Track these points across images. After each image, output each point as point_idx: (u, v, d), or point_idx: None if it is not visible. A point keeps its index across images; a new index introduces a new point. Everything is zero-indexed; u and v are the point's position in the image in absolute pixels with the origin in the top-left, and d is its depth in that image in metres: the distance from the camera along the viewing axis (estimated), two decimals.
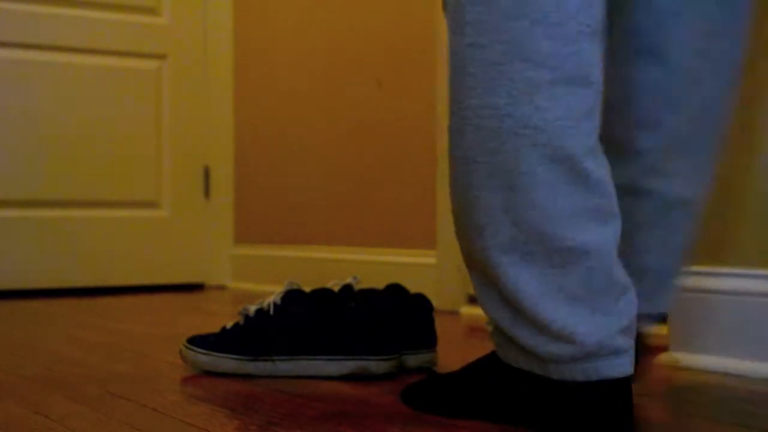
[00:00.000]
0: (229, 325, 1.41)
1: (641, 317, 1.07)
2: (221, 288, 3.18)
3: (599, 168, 0.99)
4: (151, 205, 3.10)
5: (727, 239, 1.44)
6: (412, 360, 1.39)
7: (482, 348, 1.71)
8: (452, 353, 1.53)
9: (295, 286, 1.41)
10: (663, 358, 1.48)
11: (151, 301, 2.72)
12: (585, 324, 0.98)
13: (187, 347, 1.40)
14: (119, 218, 3.03)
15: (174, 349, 1.65)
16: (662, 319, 1.22)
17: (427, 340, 1.40)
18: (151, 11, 3.12)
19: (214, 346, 1.38)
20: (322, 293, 1.39)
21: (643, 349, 1.16)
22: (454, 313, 2.26)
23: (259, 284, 3.08)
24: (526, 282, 0.99)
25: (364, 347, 1.35)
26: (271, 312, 1.38)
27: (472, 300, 2.30)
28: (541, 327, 0.99)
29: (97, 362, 1.51)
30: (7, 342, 1.79)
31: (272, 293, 1.51)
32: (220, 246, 3.24)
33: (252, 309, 1.41)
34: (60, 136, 2.94)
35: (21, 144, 2.88)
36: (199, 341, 1.40)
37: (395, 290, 1.44)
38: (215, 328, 2.10)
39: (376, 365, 1.35)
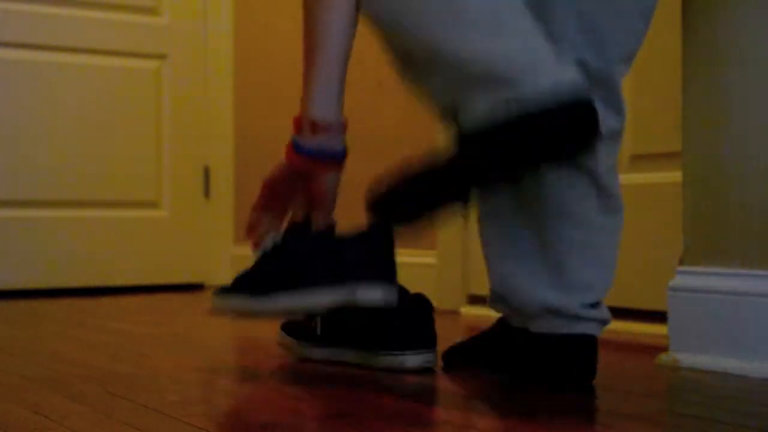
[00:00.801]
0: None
1: None
2: None
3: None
4: (151, 205, 3.10)
5: (727, 239, 1.44)
6: (412, 360, 1.39)
7: None
8: None
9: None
10: (663, 358, 1.48)
11: (151, 301, 2.72)
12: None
13: (214, 294, 1.41)
14: (119, 218, 3.03)
15: (174, 349, 1.66)
16: None
17: (427, 340, 1.40)
18: (151, 11, 3.12)
19: (228, 289, 1.39)
20: (325, 231, 1.36)
21: None
22: (454, 313, 2.26)
23: None
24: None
25: (357, 274, 1.28)
26: (272, 250, 1.36)
27: (472, 300, 2.30)
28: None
29: (97, 362, 1.51)
30: (7, 342, 1.80)
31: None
32: (220, 246, 3.24)
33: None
34: (60, 136, 2.94)
35: (21, 144, 2.88)
36: (222, 288, 1.41)
37: None
38: (215, 328, 2.10)
39: (367, 293, 1.27)
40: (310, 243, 1.31)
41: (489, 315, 1.42)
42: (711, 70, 1.45)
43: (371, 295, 1.26)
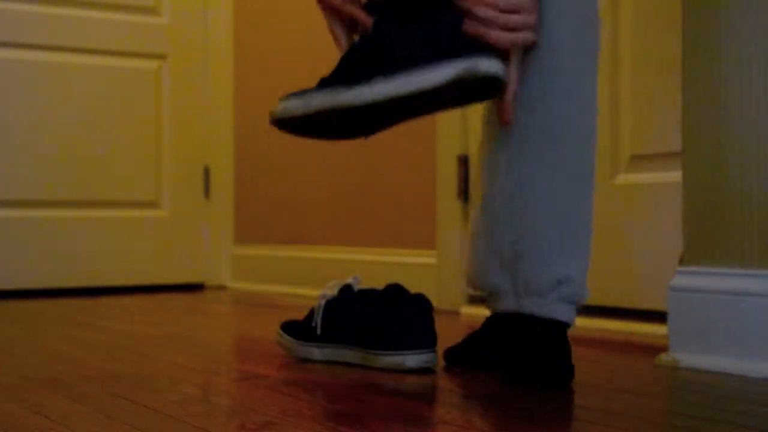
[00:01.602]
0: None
1: None
2: (221, 288, 3.18)
3: None
4: (151, 205, 3.11)
5: (727, 239, 1.44)
6: (412, 360, 1.39)
7: None
8: None
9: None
10: (663, 358, 1.48)
11: (151, 301, 2.72)
12: None
13: (281, 100, 1.26)
14: (119, 218, 3.03)
15: (174, 349, 1.65)
16: None
17: (427, 340, 1.40)
18: (151, 11, 3.12)
19: (302, 91, 1.23)
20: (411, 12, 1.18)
21: None
22: (454, 313, 2.26)
23: (259, 284, 3.08)
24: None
25: (471, 44, 1.11)
26: (359, 42, 1.21)
27: (472, 300, 2.30)
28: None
29: (97, 362, 1.51)
30: (7, 342, 1.80)
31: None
32: (220, 246, 3.24)
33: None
34: (60, 136, 2.94)
35: (21, 144, 2.88)
36: (290, 93, 1.25)
37: (395, 290, 1.44)
38: (215, 328, 2.10)
39: (490, 64, 1.10)
40: (402, 23, 1.14)
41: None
42: (711, 70, 1.45)
43: (494, 66, 1.11)
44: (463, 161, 2.34)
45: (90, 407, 1.14)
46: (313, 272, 2.78)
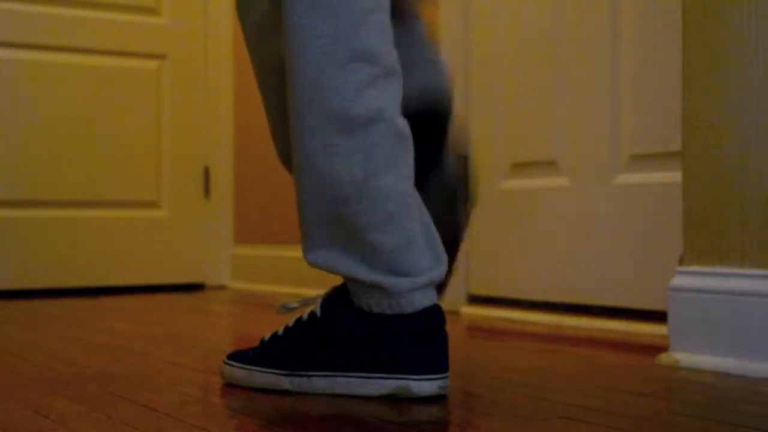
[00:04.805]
0: (267, 336, 1.30)
1: None
2: (221, 288, 3.18)
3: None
4: (151, 205, 3.11)
5: (727, 239, 1.44)
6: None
7: (483, 348, 1.71)
8: (452, 353, 1.53)
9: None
10: (663, 358, 1.48)
11: (151, 301, 2.72)
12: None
13: (225, 362, 1.32)
14: (119, 218, 3.03)
15: (174, 349, 1.66)
16: None
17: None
18: (151, 11, 3.12)
19: (251, 360, 1.29)
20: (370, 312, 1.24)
21: None
22: (454, 313, 2.26)
23: (259, 284, 3.08)
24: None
25: (407, 366, 1.21)
26: (310, 322, 1.26)
27: (472, 300, 2.30)
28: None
29: (97, 362, 1.51)
30: (7, 342, 1.80)
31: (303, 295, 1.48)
32: (220, 246, 3.24)
33: (292, 305, 1.32)
34: (60, 135, 2.94)
35: (21, 144, 2.88)
36: (237, 356, 1.31)
37: None
38: (215, 328, 2.10)
39: (419, 385, 1.20)
40: (353, 323, 1.23)
41: (489, 315, 1.42)
42: (710, 71, 1.45)
43: (427, 388, 1.21)
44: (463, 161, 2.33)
45: (90, 407, 1.14)
46: (313, 272, 2.78)
